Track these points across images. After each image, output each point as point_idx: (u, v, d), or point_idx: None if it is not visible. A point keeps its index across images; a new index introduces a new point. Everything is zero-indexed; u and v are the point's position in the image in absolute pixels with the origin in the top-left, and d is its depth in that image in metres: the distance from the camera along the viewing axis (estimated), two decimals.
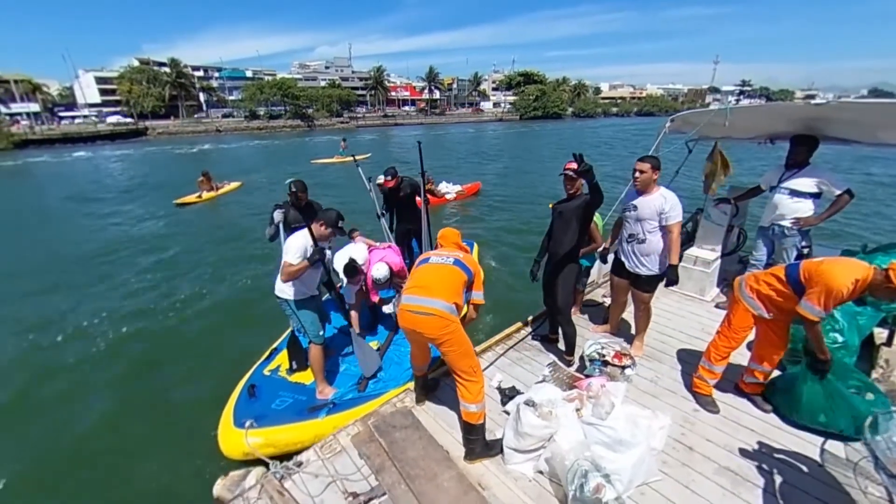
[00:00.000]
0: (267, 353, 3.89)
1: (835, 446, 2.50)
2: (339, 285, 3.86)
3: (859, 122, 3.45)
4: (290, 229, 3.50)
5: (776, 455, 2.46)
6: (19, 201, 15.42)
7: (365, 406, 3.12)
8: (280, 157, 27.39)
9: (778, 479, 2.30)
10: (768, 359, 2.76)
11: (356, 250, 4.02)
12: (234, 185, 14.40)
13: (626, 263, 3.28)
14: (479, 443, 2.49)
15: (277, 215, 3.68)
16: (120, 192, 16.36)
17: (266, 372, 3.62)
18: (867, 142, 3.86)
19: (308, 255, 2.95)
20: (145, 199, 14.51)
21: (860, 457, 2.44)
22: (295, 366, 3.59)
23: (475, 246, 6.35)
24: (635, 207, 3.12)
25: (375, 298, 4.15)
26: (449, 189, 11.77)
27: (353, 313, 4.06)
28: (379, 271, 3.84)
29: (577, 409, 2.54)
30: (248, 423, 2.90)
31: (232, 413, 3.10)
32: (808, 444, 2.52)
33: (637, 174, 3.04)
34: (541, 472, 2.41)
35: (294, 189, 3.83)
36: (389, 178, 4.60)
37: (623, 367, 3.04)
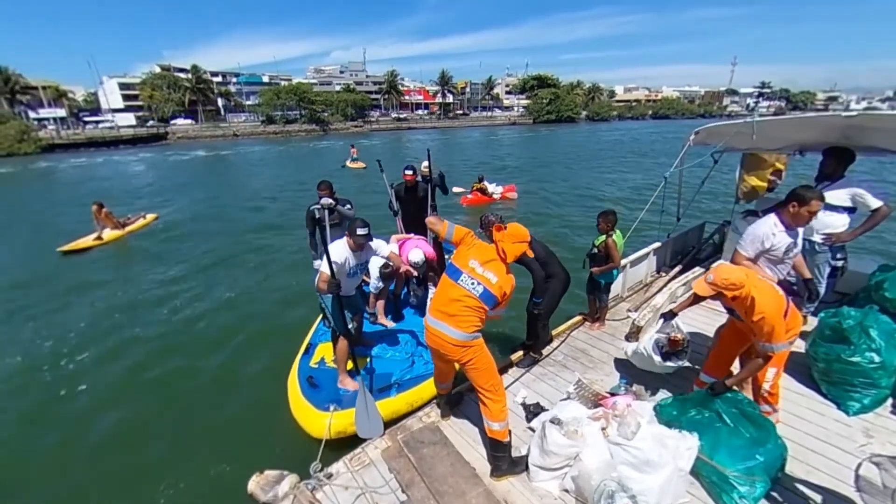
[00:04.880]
0: (304, 348, 4.12)
1: (870, 471, 2.45)
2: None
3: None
4: (321, 227, 4.21)
5: (809, 479, 2.42)
6: None
7: (424, 385, 3.49)
8: (291, 161, 27.58)
9: None
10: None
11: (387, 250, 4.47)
12: (149, 217, 11.27)
13: None
14: (505, 460, 2.51)
15: (317, 213, 4.31)
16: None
17: (313, 364, 3.87)
18: None
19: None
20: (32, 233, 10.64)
21: None
22: None
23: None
24: (796, 245, 2.80)
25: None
26: (495, 190, 12.85)
27: (380, 302, 4.41)
28: (416, 255, 4.23)
29: (603, 428, 2.53)
30: (332, 408, 3.21)
31: (306, 400, 3.37)
32: (843, 469, 2.47)
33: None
34: (566, 491, 2.41)
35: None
36: (410, 172, 5.05)
37: (684, 349, 3.10)
